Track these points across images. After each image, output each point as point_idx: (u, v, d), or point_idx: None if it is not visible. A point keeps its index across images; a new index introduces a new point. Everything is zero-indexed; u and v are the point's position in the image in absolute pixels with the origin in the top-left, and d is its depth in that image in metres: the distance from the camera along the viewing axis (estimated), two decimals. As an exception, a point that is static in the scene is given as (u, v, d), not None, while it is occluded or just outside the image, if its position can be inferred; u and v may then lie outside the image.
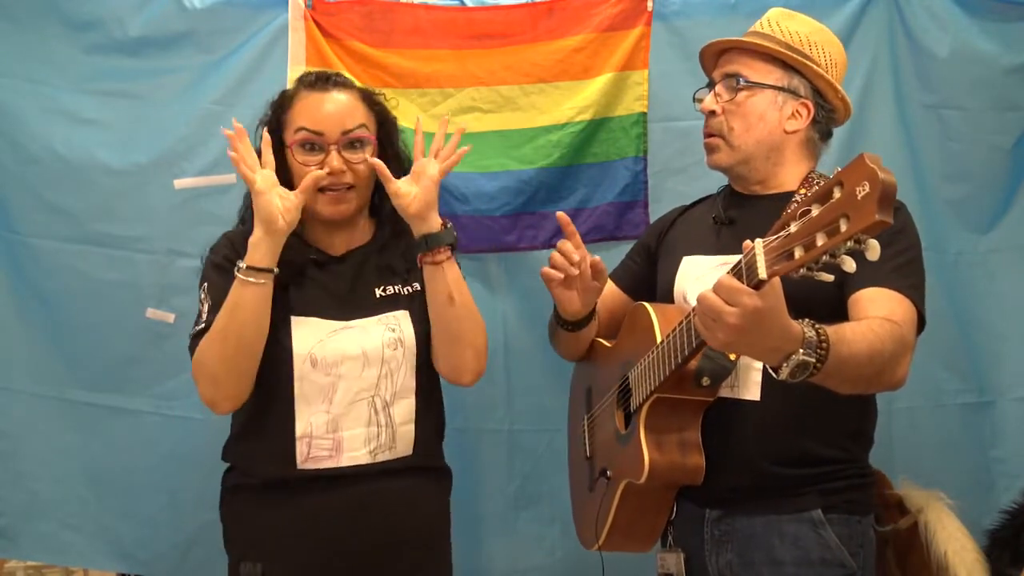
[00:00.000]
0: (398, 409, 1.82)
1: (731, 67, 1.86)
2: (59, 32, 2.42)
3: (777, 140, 1.84)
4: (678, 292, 1.87)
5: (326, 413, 1.78)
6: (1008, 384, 2.47)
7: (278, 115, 1.88)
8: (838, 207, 1.18)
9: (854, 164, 1.17)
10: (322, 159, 1.81)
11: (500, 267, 2.56)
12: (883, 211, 1.13)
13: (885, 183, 1.13)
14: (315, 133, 1.82)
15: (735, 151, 1.84)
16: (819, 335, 1.42)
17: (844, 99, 1.88)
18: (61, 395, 2.45)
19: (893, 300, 1.63)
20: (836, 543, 1.70)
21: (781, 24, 1.87)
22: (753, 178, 1.86)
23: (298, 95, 1.88)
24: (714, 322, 1.39)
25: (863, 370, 1.50)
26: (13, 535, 2.45)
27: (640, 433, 1.72)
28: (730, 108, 1.83)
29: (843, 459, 1.76)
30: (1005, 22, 2.42)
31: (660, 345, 1.68)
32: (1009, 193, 2.48)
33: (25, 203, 2.41)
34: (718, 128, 1.85)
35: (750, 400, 1.72)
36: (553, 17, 2.50)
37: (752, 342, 1.39)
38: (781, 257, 1.27)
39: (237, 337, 1.73)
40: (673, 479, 1.75)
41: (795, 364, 1.40)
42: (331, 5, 2.48)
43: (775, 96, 1.83)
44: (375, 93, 1.97)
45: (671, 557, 1.83)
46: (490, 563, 2.53)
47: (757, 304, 1.34)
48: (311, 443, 1.79)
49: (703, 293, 1.40)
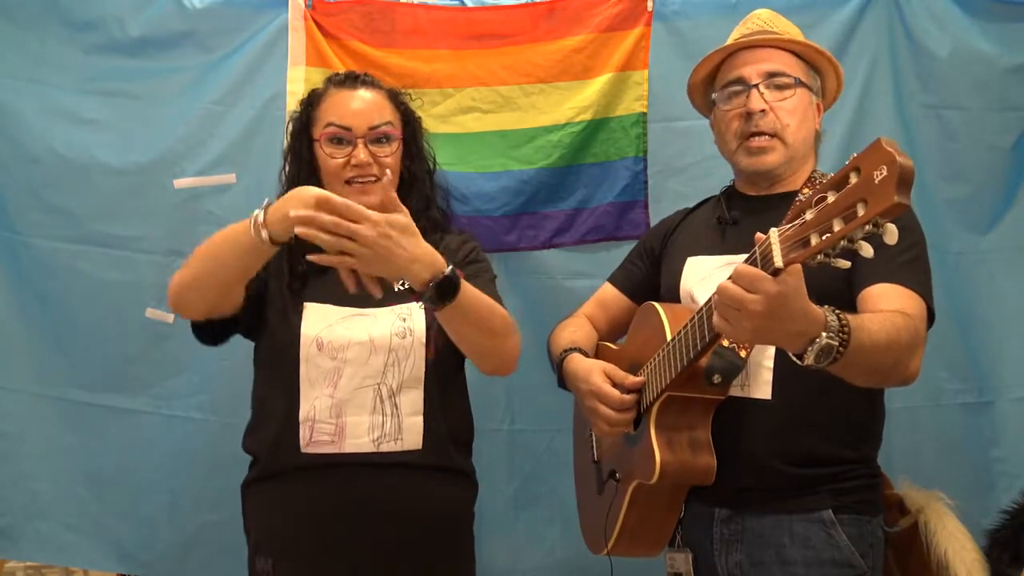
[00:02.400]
0: (405, 399, 1.82)
1: (771, 64, 1.81)
2: (59, 32, 2.42)
3: (813, 139, 1.85)
4: (684, 293, 1.85)
5: (330, 397, 1.79)
6: (1008, 384, 2.47)
7: (307, 112, 1.93)
8: (855, 192, 1.18)
9: (871, 149, 1.17)
10: (349, 152, 1.86)
11: (500, 267, 2.54)
12: (902, 194, 1.12)
13: (903, 166, 1.13)
14: (343, 128, 1.87)
15: (788, 149, 1.80)
16: (840, 320, 1.40)
17: (838, 93, 1.90)
18: (61, 395, 2.45)
19: (903, 295, 1.62)
20: (847, 543, 1.69)
21: (780, 24, 1.87)
22: (783, 176, 1.83)
23: (327, 93, 1.93)
24: (737, 312, 1.36)
25: (881, 359, 1.49)
26: (13, 535, 2.45)
27: (651, 432, 1.71)
28: (780, 106, 1.79)
29: (854, 459, 1.75)
30: (1005, 22, 2.42)
31: (670, 343, 1.67)
32: (1009, 193, 2.48)
33: (25, 203, 2.41)
34: (771, 126, 1.78)
35: (761, 399, 1.71)
36: (553, 17, 2.50)
37: (777, 328, 1.37)
38: (797, 245, 1.26)
39: (210, 265, 1.73)
40: (684, 479, 1.74)
41: (819, 348, 1.37)
42: (331, 5, 2.48)
43: (810, 95, 1.83)
44: (401, 93, 2.01)
45: (680, 556, 1.82)
46: (490, 563, 2.53)
47: (779, 288, 1.32)
48: (314, 427, 1.79)
49: (723, 284, 1.37)
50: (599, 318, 2.06)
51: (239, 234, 1.67)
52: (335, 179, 1.87)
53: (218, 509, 2.37)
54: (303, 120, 1.94)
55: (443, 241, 1.93)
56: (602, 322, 2.06)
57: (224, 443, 2.19)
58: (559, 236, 2.54)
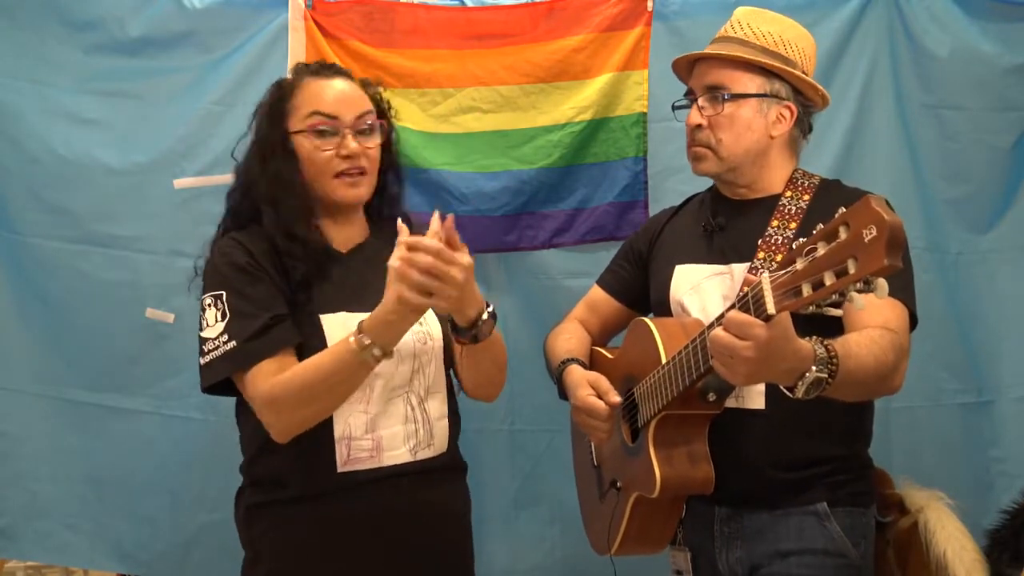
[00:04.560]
0: (432, 404, 1.79)
1: (711, 78, 1.83)
2: (59, 32, 2.42)
3: (764, 146, 1.83)
4: (674, 301, 1.87)
5: (364, 413, 1.73)
6: (1007, 384, 2.47)
7: (279, 105, 1.79)
8: (845, 248, 1.20)
9: (860, 206, 1.19)
10: (337, 143, 1.75)
11: (500, 267, 2.56)
12: (892, 255, 1.14)
13: (892, 227, 1.14)
14: (330, 117, 1.75)
15: (723, 161, 1.84)
16: (828, 351, 1.45)
17: (824, 95, 1.88)
18: (61, 395, 2.45)
19: (887, 306, 1.64)
20: (840, 534, 1.73)
21: (753, 26, 1.85)
22: (740, 183, 1.87)
23: (301, 82, 1.80)
24: (731, 359, 1.41)
25: (868, 380, 1.54)
26: (13, 535, 2.46)
27: (649, 449, 1.73)
28: (716, 121, 1.82)
29: (846, 455, 1.79)
30: (1005, 22, 2.43)
31: (666, 365, 1.69)
32: (1009, 193, 2.48)
33: (25, 203, 2.41)
34: (705, 140, 1.83)
35: (755, 409, 1.74)
36: (553, 17, 2.50)
37: (769, 369, 1.42)
38: (789, 293, 1.29)
39: (329, 403, 1.66)
40: (684, 491, 1.78)
41: (810, 382, 1.43)
42: (331, 5, 2.48)
43: (759, 104, 1.82)
44: (371, 84, 1.91)
45: (680, 555, 1.86)
46: (490, 563, 2.53)
47: (770, 334, 1.36)
48: (350, 444, 1.72)
49: (714, 334, 1.42)
50: (591, 322, 2.08)
51: (350, 366, 1.60)
52: (323, 174, 1.76)
53: (218, 509, 2.36)
54: (275, 114, 1.78)
55: None
56: (594, 326, 2.07)
57: (224, 443, 2.17)
58: (559, 236, 2.54)
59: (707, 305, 1.80)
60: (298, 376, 1.64)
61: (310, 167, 1.76)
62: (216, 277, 1.73)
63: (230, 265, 1.72)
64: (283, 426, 1.67)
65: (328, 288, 1.77)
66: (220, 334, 1.68)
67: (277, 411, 1.66)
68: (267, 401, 1.66)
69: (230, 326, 1.67)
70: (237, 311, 1.68)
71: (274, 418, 1.67)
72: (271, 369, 1.66)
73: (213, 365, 1.69)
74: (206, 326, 1.71)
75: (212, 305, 1.71)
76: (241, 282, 1.71)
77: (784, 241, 1.76)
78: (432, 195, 2.49)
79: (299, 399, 1.64)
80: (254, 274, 1.71)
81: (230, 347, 1.67)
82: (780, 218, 1.79)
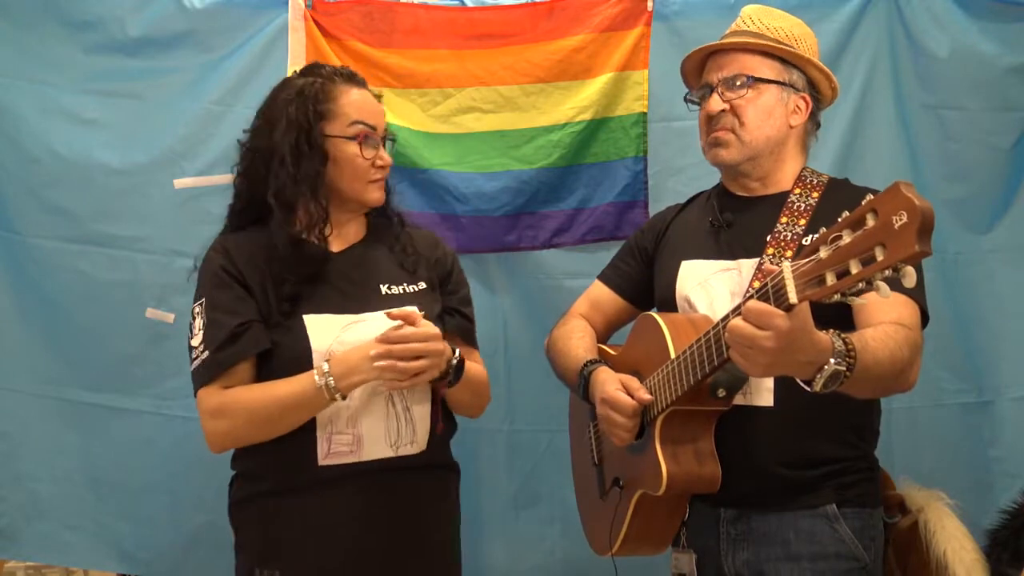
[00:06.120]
0: (415, 402, 1.81)
1: (730, 68, 1.84)
2: (59, 32, 2.42)
3: (783, 135, 1.84)
4: (680, 297, 1.86)
5: (346, 408, 1.76)
6: (1007, 384, 2.47)
7: (315, 105, 1.81)
8: (873, 235, 1.19)
9: (889, 192, 1.18)
10: (375, 153, 1.85)
11: (500, 267, 2.56)
12: (923, 242, 1.13)
13: (924, 212, 1.13)
14: (371, 127, 1.84)
15: (745, 147, 1.82)
16: (846, 344, 1.44)
17: (834, 87, 1.89)
18: (61, 395, 2.45)
19: (899, 303, 1.63)
20: (850, 536, 1.72)
21: (764, 21, 1.87)
22: (754, 175, 1.86)
23: (338, 87, 1.85)
24: (750, 349, 1.39)
25: (884, 375, 1.53)
26: (13, 535, 2.45)
27: (656, 445, 1.71)
28: (738, 104, 1.81)
29: (854, 455, 1.77)
30: (1005, 22, 2.43)
31: (676, 360, 1.68)
32: (1009, 193, 2.48)
33: (25, 203, 2.41)
34: (728, 124, 1.82)
35: (764, 407, 1.73)
36: (553, 17, 2.50)
37: (789, 361, 1.40)
38: (812, 282, 1.28)
39: (278, 428, 1.76)
40: (690, 489, 1.76)
41: (828, 375, 1.42)
42: (331, 5, 2.48)
43: (780, 91, 1.83)
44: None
45: (684, 557, 1.83)
46: (490, 563, 2.53)
47: (791, 324, 1.35)
48: (331, 439, 1.76)
49: (734, 322, 1.40)
50: (596, 319, 2.06)
51: (303, 398, 1.72)
52: (359, 179, 1.84)
53: (218, 509, 2.34)
54: (310, 113, 1.81)
55: (403, 235, 1.95)
56: (599, 323, 2.06)
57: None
58: (559, 236, 2.54)
59: (714, 301, 1.79)
60: (254, 393, 1.75)
61: (348, 170, 1.83)
62: (199, 285, 1.84)
63: (207, 272, 1.83)
64: (220, 438, 1.79)
65: (315, 289, 1.80)
66: (200, 343, 1.78)
67: (220, 420, 1.77)
68: (214, 410, 1.77)
69: (206, 335, 1.77)
70: (211, 320, 1.78)
71: (215, 426, 1.77)
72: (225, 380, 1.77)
73: (197, 372, 1.79)
74: (192, 335, 1.81)
75: (200, 314, 1.80)
76: (214, 289, 1.80)
77: (793, 237, 1.75)
78: (432, 195, 2.50)
79: (247, 417, 1.75)
80: (224, 280, 1.79)
81: (205, 356, 1.76)
82: (789, 214, 1.78)
